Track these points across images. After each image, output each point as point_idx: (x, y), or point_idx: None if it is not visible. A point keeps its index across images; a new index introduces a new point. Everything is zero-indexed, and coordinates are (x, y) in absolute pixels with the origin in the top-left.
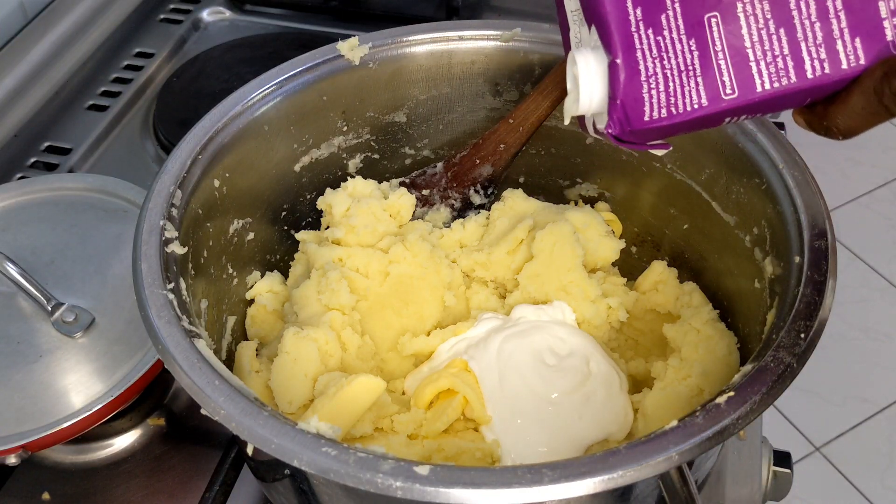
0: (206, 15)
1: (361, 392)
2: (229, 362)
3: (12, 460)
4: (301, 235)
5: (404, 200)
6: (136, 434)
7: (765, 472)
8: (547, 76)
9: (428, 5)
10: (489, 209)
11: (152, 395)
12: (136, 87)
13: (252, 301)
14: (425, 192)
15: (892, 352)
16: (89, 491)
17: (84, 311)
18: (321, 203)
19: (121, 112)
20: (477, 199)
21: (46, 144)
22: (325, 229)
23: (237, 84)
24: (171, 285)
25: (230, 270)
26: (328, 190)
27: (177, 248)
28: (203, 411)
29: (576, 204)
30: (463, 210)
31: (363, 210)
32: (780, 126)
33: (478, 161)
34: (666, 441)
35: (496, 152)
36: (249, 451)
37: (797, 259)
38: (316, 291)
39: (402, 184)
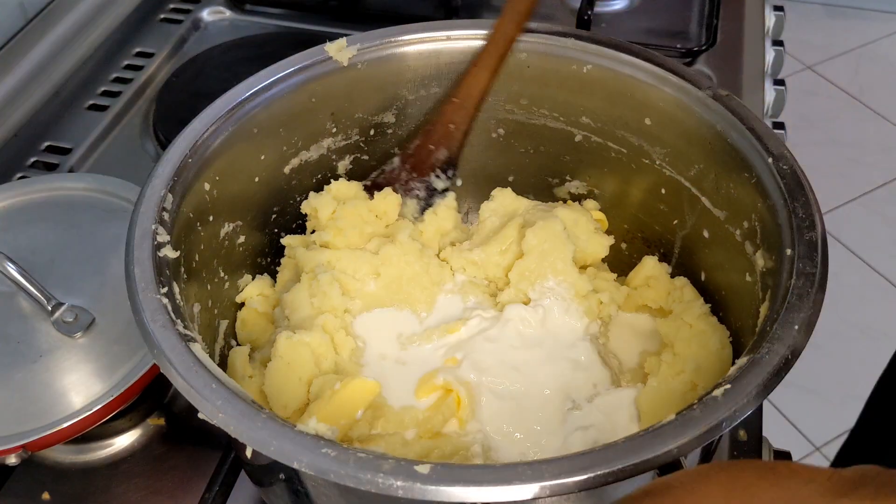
0: (206, 15)
1: (357, 394)
2: (222, 366)
3: (12, 460)
4: (287, 240)
5: (390, 200)
6: (136, 434)
7: None
8: (483, 48)
9: (427, 5)
10: (453, 191)
11: (152, 395)
12: (136, 87)
13: (242, 304)
14: (387, 186)
15: (892, 351)
16: (89, 491)
17: (84, 311)
18: (305, 207)
19: (121, 112)
20: (440, 184)
21: (46, 144)
22: (311, 233)
23: (237, 84)
24: (165, 289)
25: (221, 274)
26: (312, 193)
27: (169, 253)
28: (201, 415)
29: (565, 202)
30: (429, 198)
31: (349, 212)
32: (780, 126)
33: (432, 147)
34: (664, 435)
35: (448, 134)
36: (248, 453)
37: (788, 252)
38: (308, 295)
39: (365, 187)
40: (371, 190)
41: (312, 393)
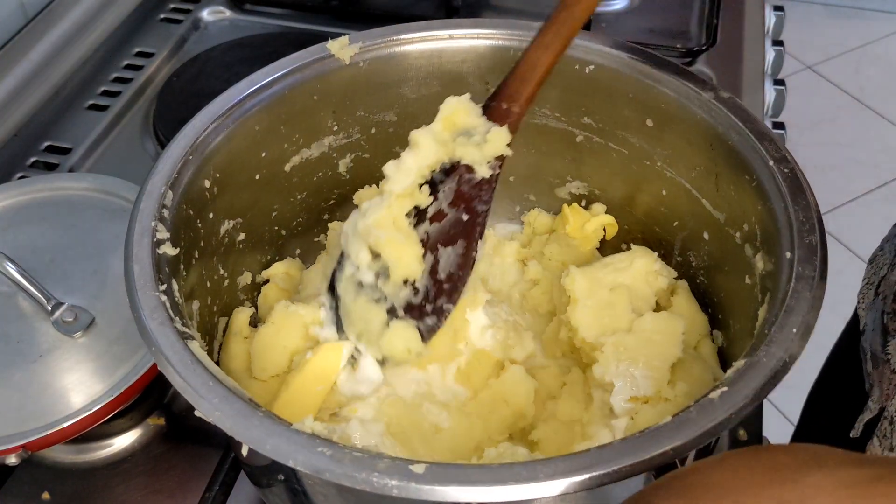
0: (206, 15)
1: (329, 358)
2: (221, 363)
3: (12, 460)
4: (332, 225)
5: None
6: (136, 434)
7: None
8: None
9: (428, 5)
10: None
11: (152, 394)
12: (136, 87)
13: (266, 281)
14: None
15: None
16: (89, 491)
17: (84, 310)
18: (356, 198)
19: (121, 112)
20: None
21: (46, 144)
22: None
23: (237, 83)
24: (164, 287)
25: (221, 272)
26: (367, 186)
27: (168, 250)
28: (198, 413)
29: (569, 204)
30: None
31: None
32: (780, 126)
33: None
34: (660, 436)
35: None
36: (244, 452)
37: (788, 255)
38: (321, 274)
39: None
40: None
41: (292, 364)
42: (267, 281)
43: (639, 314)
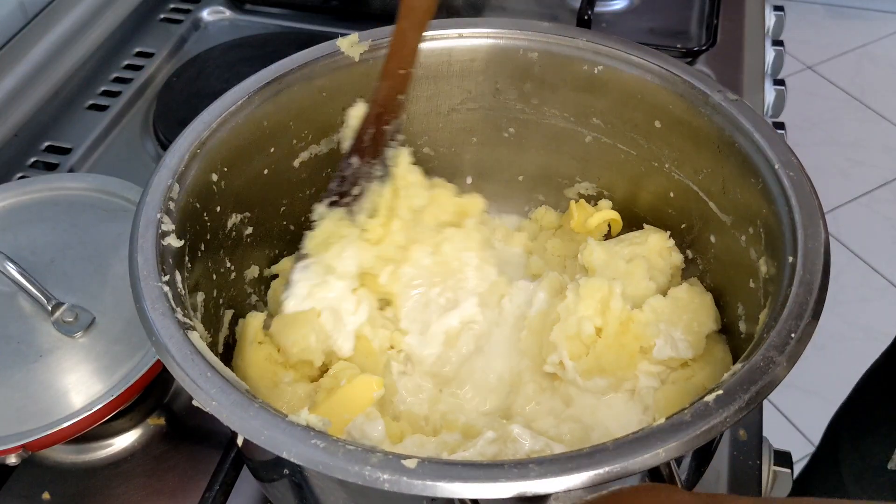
0: (206, 15)
1: (359, 391)
2: (226, 356)
3: (12, 460)
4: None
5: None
6: (136, 434)
7: (765, 472)
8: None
9: None
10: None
11: (152, 394)
12: (136, 87)
13: (276, 276)
14: (356, 188)
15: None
16: (89, 491)
17: (84, 310)
18: None
19: (121, 112)
20: (390, 153)
21: (46, 144)
22: None
23: (239, 83)
24: (167, 278)
25: (228, 265)
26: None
27: (173, 242)
28: (195, 402)
29: (576, 202)
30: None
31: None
32: (780, 126)
33: (387, 126)
34: (653, 438)
35: (398, 105)
36: (239, 442)
37: (791, 259)
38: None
39: (332, 205)
40: (340, 203)
41: (323, 382)
42: (276, 276)
43: (657, 284)
